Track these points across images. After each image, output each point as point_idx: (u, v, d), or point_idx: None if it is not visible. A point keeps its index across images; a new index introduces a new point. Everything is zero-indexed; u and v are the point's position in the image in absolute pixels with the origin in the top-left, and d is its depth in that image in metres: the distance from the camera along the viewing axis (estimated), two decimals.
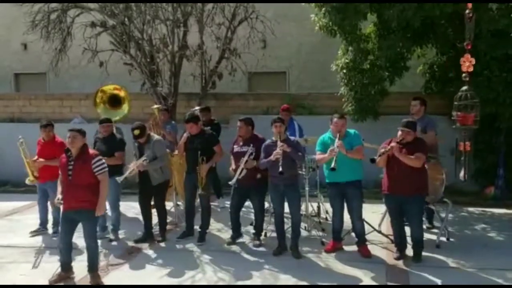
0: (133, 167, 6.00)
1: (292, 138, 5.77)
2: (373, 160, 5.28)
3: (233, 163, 5.93)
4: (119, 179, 5.97)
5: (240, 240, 6.21)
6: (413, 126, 5.30)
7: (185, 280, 5.08)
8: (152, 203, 6.74)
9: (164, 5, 8.27)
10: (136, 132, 6.00)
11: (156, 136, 6.36)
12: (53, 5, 8.71)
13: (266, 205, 6.34)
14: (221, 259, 5.61)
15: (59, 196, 4.86)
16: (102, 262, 5.36)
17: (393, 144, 5.21)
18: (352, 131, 5.65)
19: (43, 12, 8.73)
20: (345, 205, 5.66)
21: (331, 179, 5.60)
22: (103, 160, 4.92)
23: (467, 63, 5.34)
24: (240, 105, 10.21)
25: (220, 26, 8.69)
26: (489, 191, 8.33)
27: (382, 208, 6.88)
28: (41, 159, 6.29)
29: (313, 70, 11.58)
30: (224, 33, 8.78)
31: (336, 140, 5.37)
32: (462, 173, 5.44)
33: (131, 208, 7.44)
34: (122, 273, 5.27)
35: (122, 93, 7.41)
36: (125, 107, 7.35)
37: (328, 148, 5.43)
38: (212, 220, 6.57)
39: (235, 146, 6.03)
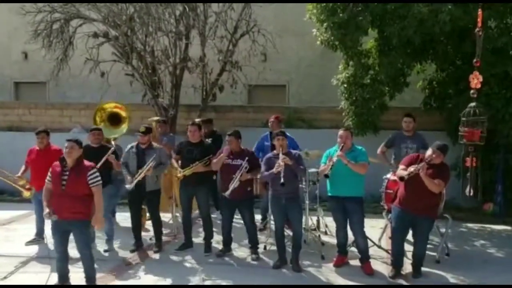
0: (143, 172, 5.94)
1: (293, 152, 5.75)
2: (402, 179, 5.12)
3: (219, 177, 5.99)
4: (129, 186, 5.92)
5: (240, 253, 6.18)
6: (445, 150, 5.18)
7: None
8: (148, 214, 6.72)
9: (167, 17, 8.33)
10: (142, 128, 6.11)
11: (157, 145, 6.44)
12: (56, 15, 8.76)
13: (258, 217, 6.30)
14: (220, 272, 5.57)
15: (47, 210, 4.72)
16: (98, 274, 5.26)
17: (422, 164, 5.08)
18: (360, 147, 5.63)
19: (46, 21, 8.76)
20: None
21: (331, 192, 5.63)
22: (98, 173, 4.86)
23: (476, 80, 5.36)
24: (239, 117, 10.22)
25: (222, 39, 8.75)
26: (488, 207, 8.33)
27: (381, 222, 6.90)
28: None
29: (312, 84, 11.65)
30: (226, 46, 8.83)
31: (338, 151, 5.41)
32: (468, 189, 5.44)
33: (127, 218, 7.34)
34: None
35: (122, 113, 7.27)
36: (124, 127, 7.24)
37: None
38: None
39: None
